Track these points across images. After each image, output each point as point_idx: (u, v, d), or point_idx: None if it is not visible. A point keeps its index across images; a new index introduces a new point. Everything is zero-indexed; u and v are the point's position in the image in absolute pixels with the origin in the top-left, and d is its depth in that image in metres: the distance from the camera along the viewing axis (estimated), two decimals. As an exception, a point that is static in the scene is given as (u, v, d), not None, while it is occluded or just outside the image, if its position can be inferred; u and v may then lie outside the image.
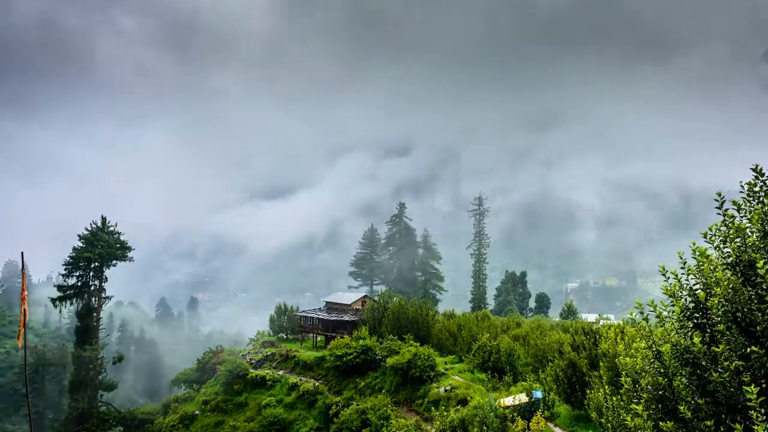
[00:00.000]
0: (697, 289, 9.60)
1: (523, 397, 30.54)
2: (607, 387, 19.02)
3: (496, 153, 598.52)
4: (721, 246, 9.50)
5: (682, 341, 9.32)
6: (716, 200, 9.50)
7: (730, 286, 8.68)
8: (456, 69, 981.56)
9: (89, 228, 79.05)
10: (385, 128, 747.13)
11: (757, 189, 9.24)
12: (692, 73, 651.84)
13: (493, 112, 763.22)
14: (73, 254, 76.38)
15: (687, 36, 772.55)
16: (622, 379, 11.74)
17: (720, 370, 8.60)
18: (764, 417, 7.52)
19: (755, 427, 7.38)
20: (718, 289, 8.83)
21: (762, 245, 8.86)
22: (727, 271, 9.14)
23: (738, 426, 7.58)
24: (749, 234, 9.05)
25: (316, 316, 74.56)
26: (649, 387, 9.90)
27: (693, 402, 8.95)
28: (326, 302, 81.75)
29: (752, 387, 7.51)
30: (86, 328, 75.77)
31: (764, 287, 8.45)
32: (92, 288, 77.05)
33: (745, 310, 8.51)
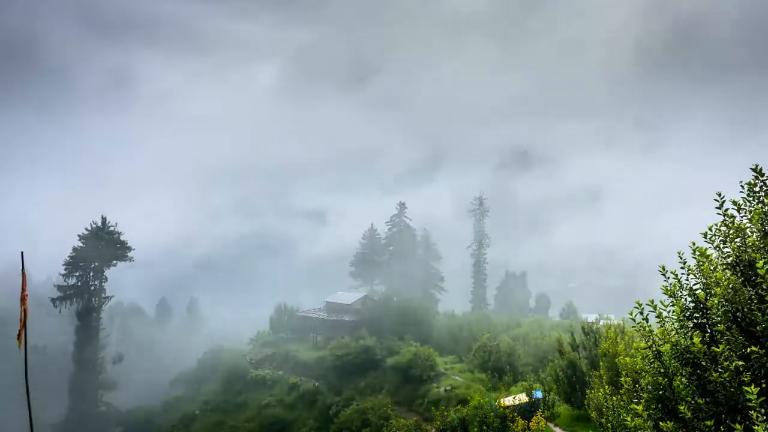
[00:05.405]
0: (697, 289, 9.60)
1: (523, 397, 30.56)
2: (607, 387, 19.03)
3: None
4: (721, 246, 9.49)
5: (682, 341, 9.32)
6: (716, 200, 9.49)
7: (730, 286, 8.67)
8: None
9: (89, 228, 79.07)
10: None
11: (757, 189, 9.23)
12: None
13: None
14: (73, 254, 76.44)
15: None
16: (622, 379, 11.74)
17: (720, 370, 8.60)
18: (764, 417, 7.51)
19: (755, 427, 7.38)
20: (718, 289, 8.82)
21: (762, 245, 8.85)
22: (727, 271, 9.13)
23: (738, 426, 7.57)
24: (749, 234, 9.05)
25: (316, 316, 74.55)
26: (649, 387, 9.89)
27: (693, 402, 8.95)
28: (326, 302, 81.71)
29: (752, 387, 7.50)
30: (86, 328, 75.87)
31: (764, 287, 8.44)
32: (92, 288, 77.13)
33: (745, 310, 8.50)
